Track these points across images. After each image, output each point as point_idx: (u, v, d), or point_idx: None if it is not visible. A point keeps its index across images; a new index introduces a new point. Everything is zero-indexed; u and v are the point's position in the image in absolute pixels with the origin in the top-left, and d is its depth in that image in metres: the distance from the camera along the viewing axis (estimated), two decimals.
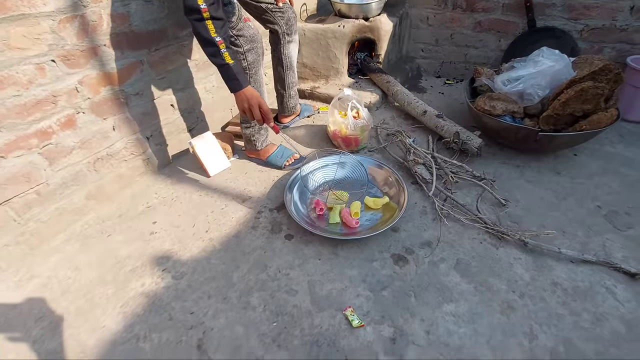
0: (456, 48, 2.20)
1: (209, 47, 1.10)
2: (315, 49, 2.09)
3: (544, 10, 1.84)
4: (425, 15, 2.19)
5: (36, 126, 1.18)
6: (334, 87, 2.13)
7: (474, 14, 2.03)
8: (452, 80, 2.29)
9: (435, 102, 2.05)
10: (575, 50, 1.84)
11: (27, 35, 1.09)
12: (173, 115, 1.63)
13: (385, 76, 2.02)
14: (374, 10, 1.99)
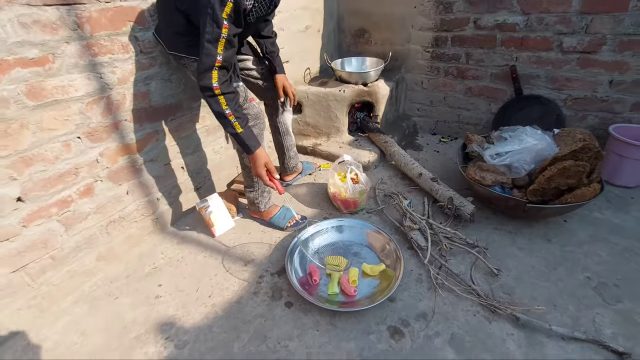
0: (449, 109, 2.35)
1: (221, 119, 1.23)
2: (318, 109, 2.23)
3: (529, 81, 1.99)
4: (420, 80, 2.36)
5: (57, 196, 1.28)
6: (335, 144, 2.26)
7: (465, 80, 2.19)
8: (447, 138, 2.41)
9: (430, 161, 2.16)
10: (561, 117, 1.97)
11: (58, 118, 1.21)
12: (183, 177, 1.73)
13: (383, 136, 2.15)
14: (372, 77, 2.16)
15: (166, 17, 1.30)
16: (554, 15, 1.78)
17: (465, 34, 2.05)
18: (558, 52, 1.85)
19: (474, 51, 2.08)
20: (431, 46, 2.21)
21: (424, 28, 2.18)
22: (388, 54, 2.26)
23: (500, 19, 1.92)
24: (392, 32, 2.31)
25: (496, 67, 2.05)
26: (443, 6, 2.05)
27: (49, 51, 1.13)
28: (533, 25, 1.85)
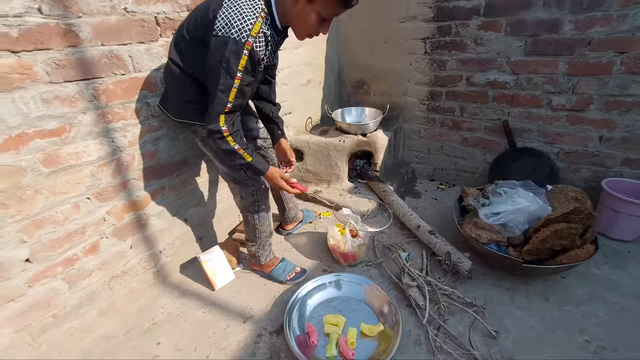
0: (447, 157, 2.42)
1: (231, 155, 1.24)
2: (319, 158, 2.31)
3: (522, 134, 2.07)
4: (417, 129, 2.46)
5: (64, 255, 1.31)
6: (335, 191, 2.31)
7: (460, 131, 2.27)
8: (445, 184, 2.47)
9: (429, 209, 2.20)
10: (555, 169, 2.02)
11: (70, 182, 1.28)
12: (186, 228, 1.77)
13: (382, 185, 2.21)
14: (371, 128, 2.25)
15: (174, 86, 1.28)
16: (541, 76, 1.89)
17: (459, 89, 2.16)
18: (548, 109, 1.94)
19: (467, 105, 2.17)
20: (427, 99, 2.31)
21: (420, 83, 2.29)
22: (386, 105, 2.37)
23: (492, 77, 2.02)
24: (390, 85, 2.44)
25: (489, 120, 2.14)
26: (437, 64, 2.17)
27: (66, 122, 1.21)
28: (522, 84, 1.95)
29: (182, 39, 1.20)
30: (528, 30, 1.83)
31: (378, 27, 2.30)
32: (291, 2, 1.08)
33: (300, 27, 1.15)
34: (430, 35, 2.12)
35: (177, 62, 1.23)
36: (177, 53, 1.23)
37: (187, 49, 1.20)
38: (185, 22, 1.23)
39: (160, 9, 1.39)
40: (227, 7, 1.06)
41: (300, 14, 1.09)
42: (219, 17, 1.05)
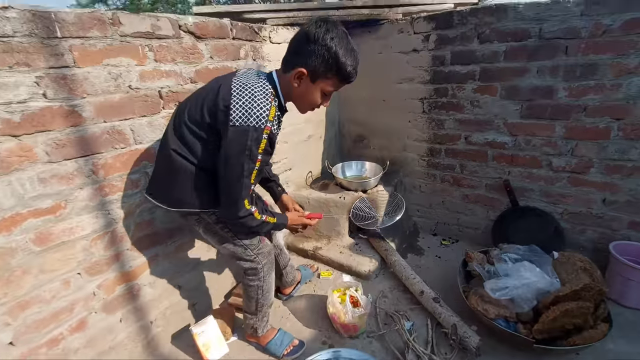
0: (448, 212, 2.39)
1: (259, 227, 1.24)
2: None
3: (524, 193, 2.05)
4: (418, 184, 2.45)
5: (49, 336, 1.24)
6: (336, 248, 2.25)
7: (461, 188, 2.26)
8: (448, 240, 2.41)
9: (432, 268, 2.13)
10: (559, 229, 1.98)
11: (61, 259, 1.24)
12: (179, 296, 1.70)
13: (383, 243, 2.15)
14: (372, 184, 2.24)
15: (178, 176, 1.19)
16: (539, 138, 1.90)
17: (458, 147, 2.18)
18: (548, 170, 1.93)
19: (467, 163, 2.18)
20: (426, 155, 2.33)
21: (419, 140, 2.32)
22: (386, 159, 2.38)
23: (490, 138, 2.04)
24: (389, 140, 2.46)
25: (490, 178, 2.13)
26: (435, 123, 2.21)
27: (62, 199, 1.20)
28: (521, 145, 1.96)
29: (187, 129, 1.16)
30: (523, 95, 1.87)
31: (377, 87, 2.37)
32: (295, 82, 1.11)
33: (304, 104, 1.19)
34: (428, 96, 2.17)
35: (184, 153, 1.17)
36: (182, 144, 1.17)
37: (193, 139, 1.16)
38: (186, 109, 1.18)
39: (164, 83, 1.43)
40: (239, 96, 1.07)
41: (304, 92, 1.13)
42: (234, 108, 1.05)
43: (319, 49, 1.02)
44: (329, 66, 1.05)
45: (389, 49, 2.23)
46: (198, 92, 1.23)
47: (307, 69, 1.07)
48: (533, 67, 1.80)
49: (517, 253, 1.70)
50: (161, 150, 1.25)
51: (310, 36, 1.02)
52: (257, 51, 1.85)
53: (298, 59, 1.07)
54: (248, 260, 1.41)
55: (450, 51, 2.00)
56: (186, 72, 1.51)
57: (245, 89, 1.08)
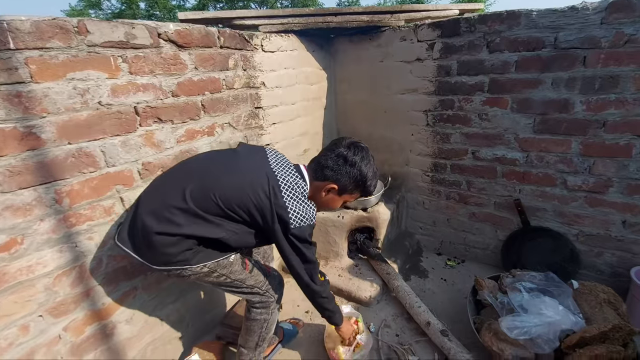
0: (454, 231, 2.24)
1: (332, 301, 1.36)
2: (315, 233, 2.12)
3: (536, 213, 1.91)
4: (421, 200, 2.30)
5: None
6: (334, 270, 2.09)
7: (468, 206, 2.11)
8: (454, 260, 2.26)
9: (438, 293, 1.98)
10: (575, 252, 1.84)
11: (18, 301, 1.07)
12: (162, 329, 1.54)
13: (385, 266, 2.00)
14: (372, 202, 2.09)
15: (163, 247, 1.06)
16: (554, 154, 1.76)
17: (465, 163, 2.03)
18: (563, 189, 1.79)
19: (474, 180, 2.03)
20: (430, 171, 2.18)
21: (422, 154, 2.17)
22: (387, 174, 2.23)
23: (499, 154, 1.90)
24: (391, 154, 2.32)
25: (499, 196, 1.99)
26: (440, 137, 2.06)
27: (18, 234, 1.04)
28: (533, 162, 1.82)
29: (190, 215, 1.06)
30: (536, 109, 1.73)
31: (377, 97, 2.23)
32: (324, 192, 1.20)
33: (326, 207, 1.29)
34: (432, 108, 2.03)
35: (176, 231, 1.05)
36: (174, 227, 1.05)
37: (199, 222, 1.07)
38: (188, 192, 1.07)
39: (140, 98, 1.28)
40: (294, 200, 1.10)
41: (329, 201, 1.24)
42: (293, 211, 1.08)
43: (353, 172, 1.16)
44: (357, 185, 1.19)
45: (390, 57, 2.09)
46: (203, 173, 1.13)
47: (338, 185, 1.18)
48: (547, 79, 1.66)
49: (533, 282, 1.55)
50: (139, 220, 1.08)
51: (348, 160, 1.15)
52: (248, 61, 1.70)
53: (332, 174, 1.16)
54: (258, 295, 1.31)
55: (457, 61, 1.86)
56: (167, 84, 1.36)
57: (295, 192, 1.12)
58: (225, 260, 1.17)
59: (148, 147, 1.34)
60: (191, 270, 1.12)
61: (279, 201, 1.07)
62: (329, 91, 2.39)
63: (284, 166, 1.18)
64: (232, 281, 1.22)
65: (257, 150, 1.26)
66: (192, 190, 1.07)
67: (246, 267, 1.25)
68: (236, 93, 1.67)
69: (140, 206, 1.11)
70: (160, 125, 1.36)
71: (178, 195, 1.07)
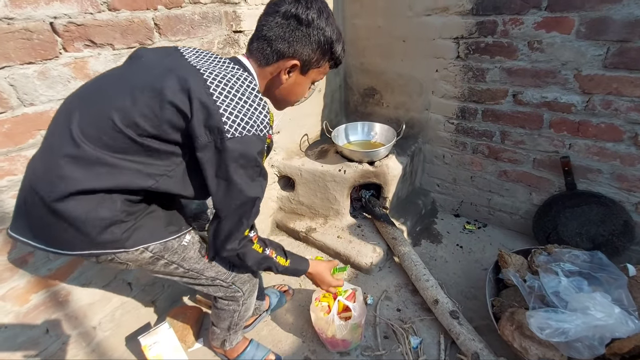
0: (477, 191, 1.90)
1: (264, 264, 0.97)
2: (313, 189, 1.85)
3: (586, 175, 1.52)
4: (442, 153, 1.93)
5: None
6: (333, 231, 1.85)
7: (499, 162, 1.74)
8: (474, 224, 1.95)
9: (451, 263, 1.71)
10: (630, 224, 1.48)
11: None
12: (130, 294, 1.38)
13: (391, 229, 1.73)
14: (381, 154, 1.75)
15: (80, 213, 0.73)
16: (627, 99, 1.31)
17: (501, 108, 1.61)
18: (630, 145, 1.37)
19: (511, 130, 1.62)
20: (456, 118, 1.77)
21: (448, 96, 1.75)
22: (402, 120, 1.86)
23: (550, 97, 1.46)
24: (408, 96, 1.90)
25: (541, 152, 1.59)
26: (473, 73, 1.62)
27: None
28: (596, 108, 1.39)
29: (91, 144, 0.72)
30: (613, 34, 1.25)
31: (394, 20, 1.75)
32: (284, 77, 0.87)
33: (288, 100, 0.97)
34: (467, 34, 1.56)
35: (96, 186, 0.72)
36: (96, 176, 0.72)
37: (108, 157, 0.72)
38: (80, 116, 0.74)
39: (58, 11, 0.93)
40: (226, 96, 0.73)
41: (292, 87, 0.91)
42: (226, 113, 0.72)
43: (315, 35, 0.82)
44: (324, 52, 0.86)
45: None
46: (102, 88, 0.78)
47: (300, 59, 0.84)
48: None
49: (575, 263, 1.23)
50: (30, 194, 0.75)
51: (302, 19, 0.80)
52: None
53: (286, 46, 0.82)
54: (222, 288, 1.04)
55: None
56: None
57: (229, 86, 0.75)
58: (175, 242, 0.88)
59: (81, 80, 1.03)
60: (127, 256, 0.82)
61: (206, 101, 0.71)
62: (335, 15, 1.91)
63: (212, 60, 0.82)
64: (186, 271, 0.93)
65: (166, 51, 0.86)
66: (80, 125, 0.73)
67: (205, 254, 0.96)
68: (204, 10, 1.28)
69: (28, 176, 0.77)
70: (94, 50, 1.04)
71: (65, 140, 0.72)
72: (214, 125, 0.71)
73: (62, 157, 0.71)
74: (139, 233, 0.81)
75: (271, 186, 1.92)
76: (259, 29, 0.84)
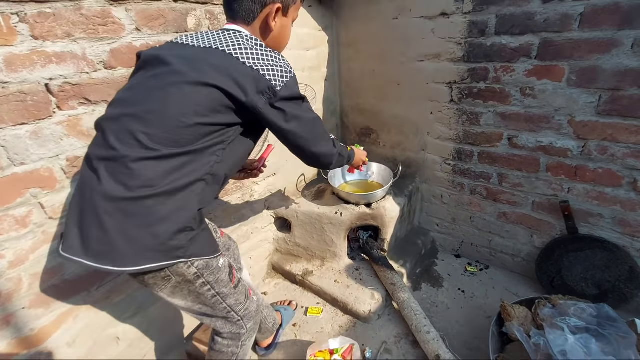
0: (478, 232, 1.86)
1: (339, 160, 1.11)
2: (310, 231, 1.81)
3: (587, 219, 1.49)
4: (439, 193, 1.91)
5: None
6: (330, 274, 1.80)
7: (498, 203, 1.71)
8: (475, 266, 1.90)
9: (453, 309, 1.65)
10: (635, 271, 1.43)
11: None
12: (117, 349, 1.32)
13: (390, 274, 1.67)
14: (378, 196, 1.73)
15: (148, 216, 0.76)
16: (623, 145, 1.31)
17: (497, 151, 1.60)
18: (630, 191, 1.35)
19: (509, 173, 1.61)
20: (453, 159, 1.77)
21: (443, 138, 1.75)
22: (399, 160, 1.86)
23: (545, 141, 1.46)
24: (405, 136, 1.91)
25: (540, 195, 1.57)
26: (467, 116, 1.63)
27: None
28: (592, 154, 1.38)
29: (183, 134, 0.77)
30: (604, 82, 1.26)
31: (388, 65, 1.78)
32: (273, 23, 0.91)
33: (283, 41, 0.99)
34: (459, 80, 1.58)
35: (162, 186, 0.76)
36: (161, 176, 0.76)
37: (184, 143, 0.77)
38: (139, 120, 0.77)
39: (54, 72, 0.95)
40: (258, 61, 0.80)
41: (280, 31, 0.95)
42: (268, 73, 0.80)
43: None
44: None
45: (407, 12, 1.62)
46: (146, 95, 0.80)
47: (281, 2, 0.89)
48: (626, 39, 1.18)
49: (581, 317, 1.18)
50: (89, 204, 0.77)
51: None
52: (217, 19, 1.32)
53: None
54: (230, 323, 1.05)
55: (496, 15, 1.38)
56: (94, 52, 1.02)
57: (251, 51, 0.81)
58: (214, 261, 0.92)
59: (74, 138, 1.03)
60: (177, 269, 0.83)
61: (247, 71, 0.78)
62: (331, 58, 1.96)
63: (219, 36, 0.85)
64: (215, 295, 0.95)
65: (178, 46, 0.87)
66: (144, 131, 0.76)
67: (233, 278, 1.00)
68: None
69: (87, 188, 0.78)
70: (89, 107, 1.05)
71: (132, 145, 0.75)
72: (264, 87, 0.79)
73: (132, 161, 0.74)
74: (195, 245, 0.84)
75: (267, 228, 1.89)
76: None
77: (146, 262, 0.76)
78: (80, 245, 0.76)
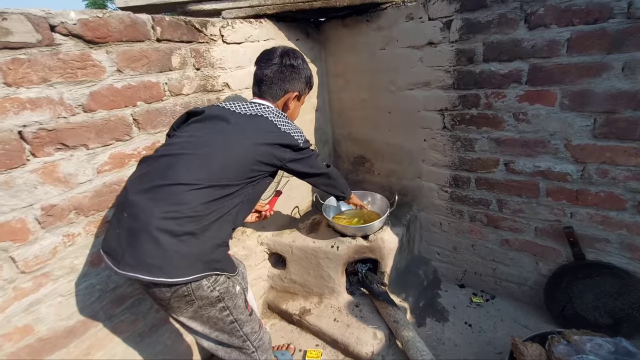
0: (480, 260, 1.78)
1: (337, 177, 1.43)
2: (305, 267, 1.73)
3: (593, 244, 1.43)
4: (438, 221, 1.85)
5: None
6: (329, 312, 1.70)
7: (499, 230, 1.65)
8: (481, 296, 1.81)
9: (461, 347, 1.54)
10: None
11: None
12: None
13: (392, 310, 1.58)
14: (375, 227, 1.66)
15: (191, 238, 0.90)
16: (623, 168, 1.27)
17: (495, 177, 1.56)
18: (635, 214, 1.31)
19: (508, 198, 1.57)
20: (449, 186, 1.72)
21: (438, 165, 1.72)
22: (395, 188, 1.81)
23: (543, 166, 1.42)
24: (399, 164, 1.87)
25: (542, 221, 1.52)
26: (461, 143, 1.60)
27: None
28: (593, 177, 1.34)
29: (195, 193, 0.91)
30: (597, 105, 1.25)
31: (378, 94, 1.78)
32: (291, 105, 1.21)
33: (294, 117, 1.28)
34: (450, 107, 1.57)
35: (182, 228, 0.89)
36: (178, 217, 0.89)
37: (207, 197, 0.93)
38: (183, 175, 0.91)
39: (28, 119, 0.91)
40: (286, 126, 1.08)
41: (294, 111, 1.26)
42: (293, 134, 1.08)
43: (304, 74, 1.20)
44: (307, 84, 1.23)
45: (394, 42, 1.63)
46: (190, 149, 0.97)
47: (298, 91, 1.20)
48: (616, 63, 1.17)
49: (599, 354, 1.09)
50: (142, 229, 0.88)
51: (295, 66, 1.16)
52: (202, 57, 1.31)
53: (290, 86, 1.17)
54: (244, 354, 1.08)
55: (483, 42, 1.38)
56: (72, 96, 0.98)
57: (281, 118, 1.10)
58: (232, 287, 1.00)
59: (49, 185, 0.97)
60: (201, 292, 0.92)
61: (280, 131, 1.06)
62: (321, 89, 1.96)
63: (256, 106, 1.09)
64: (233, 321, 1.01)
65: (227, 111, 1.08)
66: (207, 165, 0.95)
67: (247, 305, 1.08)
68: (186, 100, 1.28)
69: (138, 209, 0.89)
70: (66, 152, 1.00)
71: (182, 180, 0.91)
72: (292, 143, 1.06)
73: (184, 192, 0.89)
74: (227, 261, 1.00)
75: (261, 264, 1.81)
76: (260, 77, 1.15)
77: (194, 273, 0.89)
78: (136, 263, 0.86)
